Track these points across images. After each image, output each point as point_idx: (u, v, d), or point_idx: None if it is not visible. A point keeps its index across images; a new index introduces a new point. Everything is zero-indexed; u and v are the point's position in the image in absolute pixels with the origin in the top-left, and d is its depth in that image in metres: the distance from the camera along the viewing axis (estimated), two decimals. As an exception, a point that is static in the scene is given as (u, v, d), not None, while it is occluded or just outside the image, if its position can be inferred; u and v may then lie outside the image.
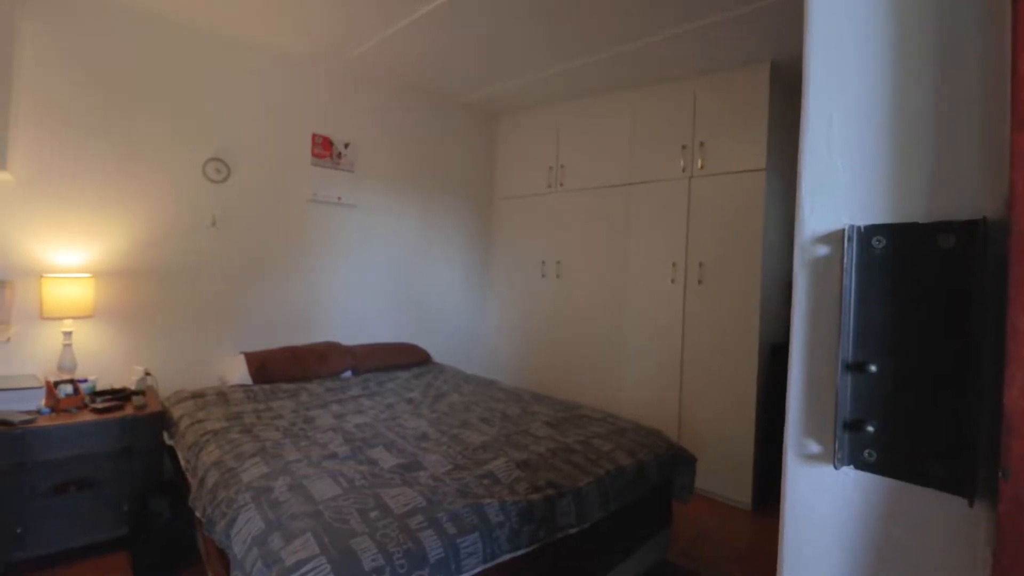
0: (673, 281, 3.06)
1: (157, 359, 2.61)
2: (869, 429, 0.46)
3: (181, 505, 2.04)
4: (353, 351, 3.08)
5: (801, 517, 0.50)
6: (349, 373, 3.00)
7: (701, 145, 2.98)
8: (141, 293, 2.60)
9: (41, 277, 2.30)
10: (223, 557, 1.56)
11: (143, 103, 2.58)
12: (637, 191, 3.26)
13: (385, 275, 3.56)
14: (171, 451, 2.25)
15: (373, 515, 1.41)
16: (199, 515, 1.66)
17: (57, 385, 2.16)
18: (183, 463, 2.00)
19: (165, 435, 2.27)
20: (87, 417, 2.09)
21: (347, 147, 3.33)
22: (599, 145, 3.46)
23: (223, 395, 2.40)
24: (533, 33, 2.68)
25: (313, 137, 3.18)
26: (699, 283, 2.97)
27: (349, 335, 3.32)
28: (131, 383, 2.36)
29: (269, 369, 2.66)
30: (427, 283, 3.81)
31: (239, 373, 2.60)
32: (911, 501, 0.46)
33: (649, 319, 3.17)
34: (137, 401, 2.22)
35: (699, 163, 2.98)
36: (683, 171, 3.05)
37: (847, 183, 0.49)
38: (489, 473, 1.70)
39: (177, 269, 2.70)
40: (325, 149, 3.23)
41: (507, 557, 1.47)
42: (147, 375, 2.44)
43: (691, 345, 2.99)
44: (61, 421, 2.03)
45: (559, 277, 3.67)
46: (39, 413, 2.07)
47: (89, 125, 2.44)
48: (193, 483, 1.81)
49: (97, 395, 2.26)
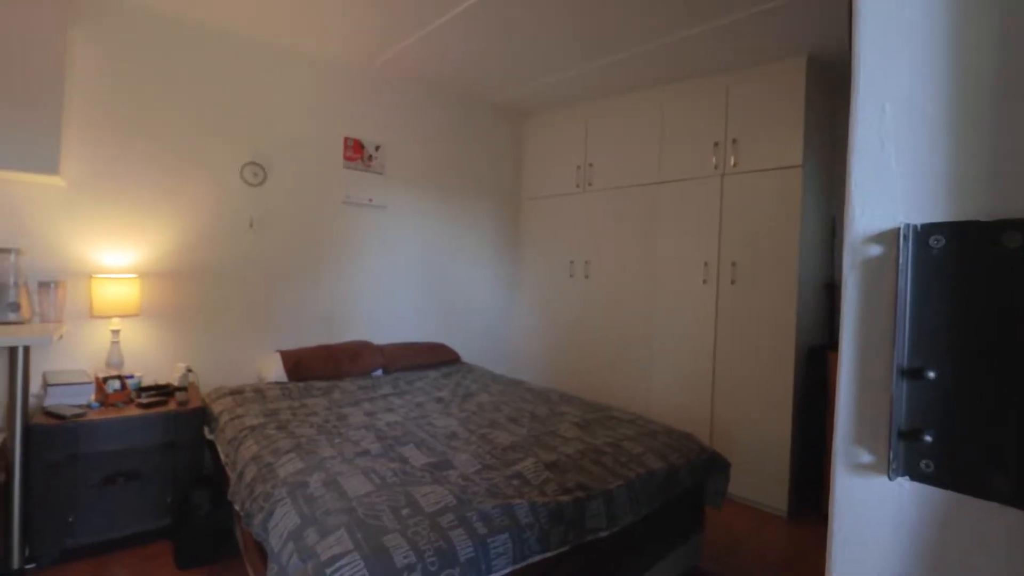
0: (705, 281, 3.00)
1: (198, 356, 2.71)
2: (927, 439, 0.44)
3: (221, 498, 2.11)
4: (384, 350, 3.13)
5: (851, 529, 0.47)
6: (380, 372, 3.05)
7: (734, 142, 2.91)
8: (183, 293, 2.70)
9: (90, 277, 2.42)
10: (261, 550, 1.61)
11: (185, 110, 2.68)
12: (667, 190, 3.20)
13: (414, 275, 3.61)
14: (211, 446, 2.33)
15: (404, 512, 1.43)
16: (238, 508, 1.71)
17: (106, 381, 2.27)
18: (223, 457, 2.06)
19: (206, 430, 2.35)
20: (133, 412, 2.18)
21: (378, 149, 3.38)
22: (628, 143, 3.42)
23: (260, 392, 2.48)
24: (562, 32, 2.67)
25: (345, 140, 3.24)
26: (732, 283, 2.90)
27: (379, 334, 3.38)
28: (174, 379, 2.46)
29: (304, 367, 2.73)
30: (455, 283, 3.84)
31: (275, 371, 2.68)
32: (971, 515, 0.43)
33: (680, 320, 3.11)
34: (180, 397, 2.31)
35: (732, 160, 2.91)
36: (715, 168, 2.98)
37: (902, 179, 0.47)
38: (518, 474, 1.70)
39: (217, 270, 2.79)
40: (357, 152, 3.29)
41: (537, 558, 1.46)
42: (189, 372, 2.53)
43: (724, 347, 2.92)
44: (109, 415, 2.13)
45: (587, 277, 3.64)
46: (89, 407, 2.17)
47: (135, 132, 2.55)
48: (232, 477, 1.87)
49: (142, 391, 2.36)
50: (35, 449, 1.97)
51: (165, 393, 2.35)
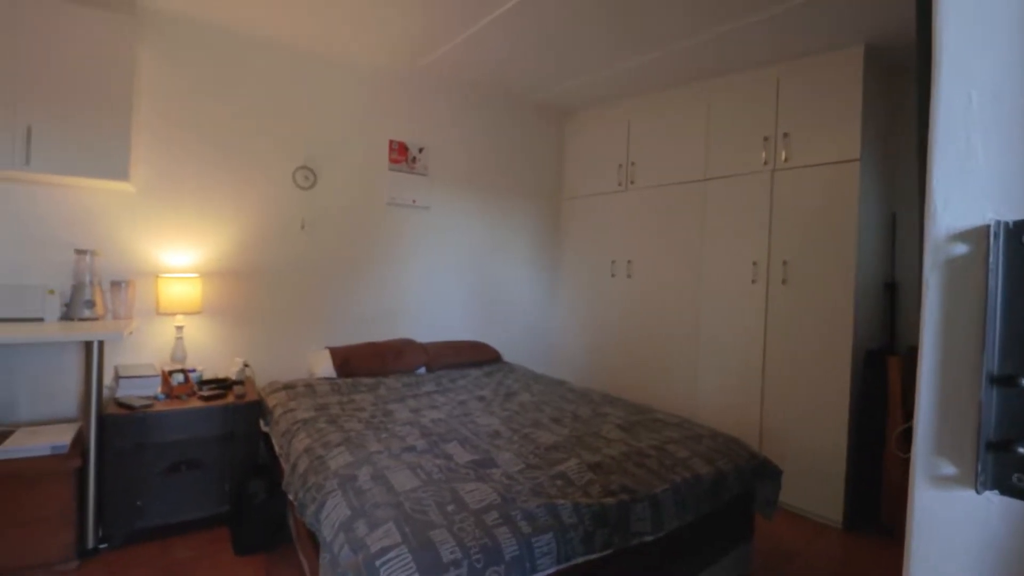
0: (754, 281, 2.90)
1: (254, 352, 2.85)
2: (1020, 451, 0.41)
3: (275, 488, 2.20)
4: (427, 348, 3.18)
5: (931, 546, 0.45)
6: (423, 369, 3.11)
7: (785, 136, 2.80)
8: (240, 291, 2.83)
9: (157, 277, 2.58)
10: (312, 538, 1.67)
11: (241, 118, 2.82)
12: (714, 187, 3.11)
13: (456, 274, 3.65)
14: (266, 437, 2.43)
15: (450, 508, 1.44)
16: (291, 498, 1.78)
17: (171, 374, 2.41)
18: (277, 449, 2.15)
19: (261, 422, 2.46)
20: (195, 404, 2.31)
21: (421, 151, 3.44)
22: (673, 140, 3.34)
23: (311, 387, 2.57)
24: (604, 29, 2.64)
25: (390, 143, 3.32)
26: (783, 283, 2.78)
27: (422, 332, 3.44)
28: (232, 374, 2.59)
29: (351, 363, 2.82)
30: (496, 282, 3.86)
31: (324, 366, 2.78)
32: (1070, 535, 0.40)
33: (728, 321, 3.01)
34: (237, 390, 2.43)
35: (783, 155, 2.80)
36: (765, 164, 2.88)
37: (990, 172, 0.44)
38: (561, 474, 1.69)
39: (271, 269, 2.92)
40: (401, 154, 3.36)
41: (581, 560, 1.45)
42: (246, 367, 2.66)
43: (775, 349, 2.81)
44: (174, 407, 2.26)
45: (630, 277, 3.59)
46: (156, 399, 2.31)
47: (196, 139, 2.70)
48: (286, 468, 1.94)
49: (203, 384, 2.49)
50: (108, 437, 2.12)
51: (224, 387, 2.48)
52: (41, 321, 2.20)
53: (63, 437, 2.08)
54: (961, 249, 0.44)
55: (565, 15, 2.50)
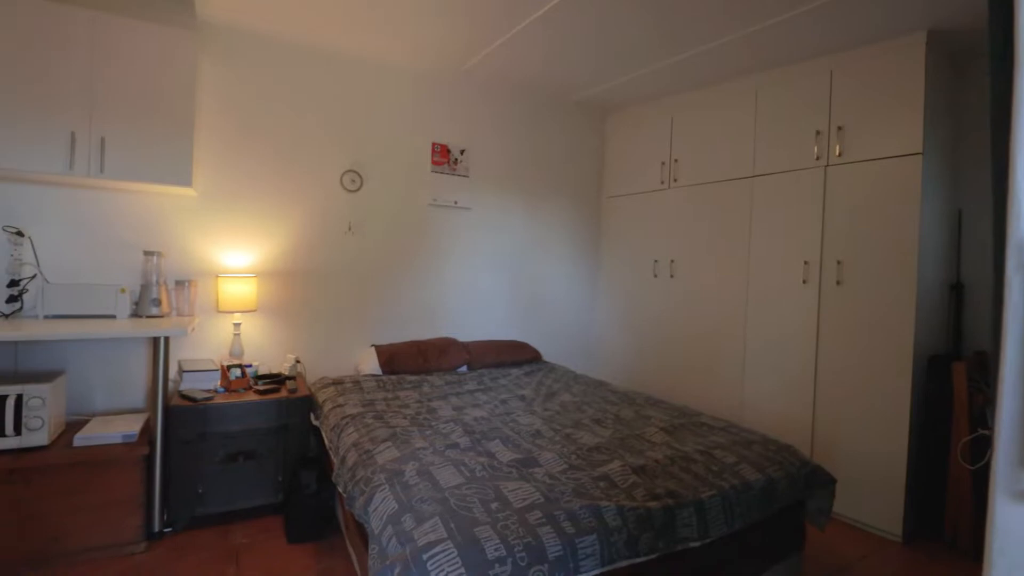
0: (805, 281, 2.79)
1: (305, 348, 2.97)
2: (1115, 466, 0.38)
3: (325, 480, 2.29)
4: (468, 347, 3.23)
5: (1014, 563, 0.43)
6: (465, 368, 3.15)
7: (839, 130, 2.68)
8: (292, 290, 2.96)
9: (217, 277, 2.72)
10: (361, 529, 1.72)
11: (293, 125, 2.94)
12: (762, 184, 3.01)
13: (497, 274, 3.68)
14: (316, 431, 2.53)
15: (494, 506, 1.46)
16: (341, 490, 1.85)
17: (229, 369, 2.54)
18: (327, 442, 2.24)
19: (312, 416, 2.56)
20: (252, 397, 2.43)
21: (463, 153, 3.49)
22: (718, 136, 3.26)
23: (358, 383, 2.65)
24: (647, 26, 2.60)
25: (433, 146, 3.38)
26: (837, 284, 2.67)
27: (464, 331, 3.49)
28: (285, 369, 2.70)
29: (396, 361, 2.89)
30: (537, 282, 3.87)
31: (370, 364, 2.86)
32: None
33: (777, 322, 2.91)
34: (290, 385, 2.54)
35: (836, 150, 2.68)
36: (817, 159, 2.76)
37: (1081, 171, 0.41)
38: (605, 476, 1.68)
39: (320, 270, 3.04)
40: (443, 156, 3.42)
41: (625, 564, 1.44)
42: (297, 363, 2.77)
43: (828, 352, 2.70)
44: (232, 400, 2.38)
45: (673, 277, 3.52)
46: (215, 392, 2.45)
47: (251, 147, 2.84)
48: (335, 461, 2.02)
49: (259, 379, 2.62)
50: (172, 427, 2.26)
51: (278, 381, 2.59)
52: (114, 318, 2.37)
53: (133, 426, 2.23)
54: (1048, 252, 0.42)
55: (607, 14, 2.48)
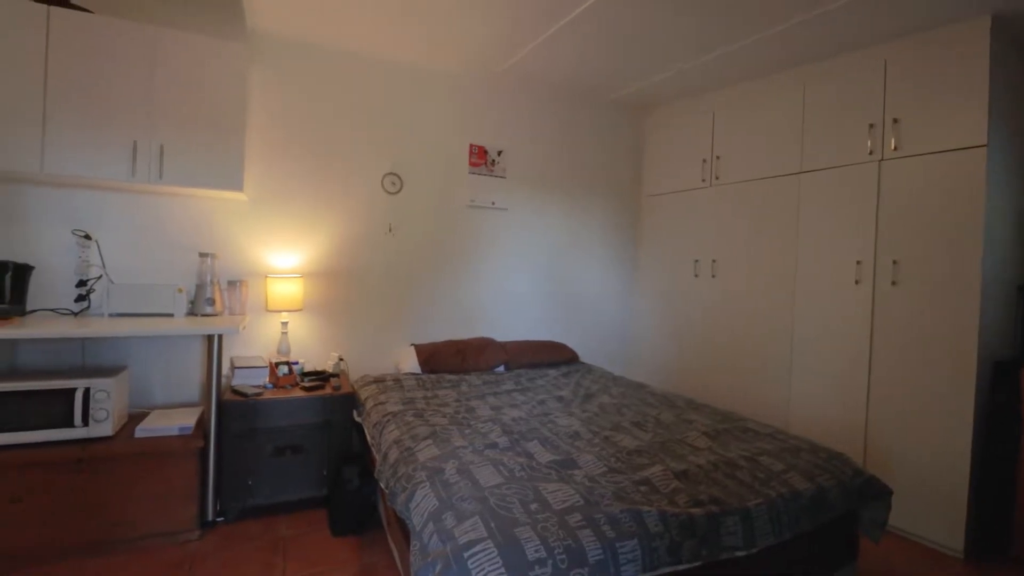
0: (858, 282, 2.66)
1: (347, 346, 3.06)
2: None
3: (367, 475, 2.35)
4: (506, 347, 3.24)
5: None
6: (502, 368, 3.17)
7: (895, 122, 2.55)
8: (335, 290, 3.05)
9: (266, 277, 2.84)
10: (402, 525, 1.76)
11: (337, 130, 3.04)
12: (810, 180, 2.90)
13: (534, 274, 3.68)
14: (358, 427, 2.60)
15: (533, 507, 1.46)
16: (383, 486, 1.89)
17: (277, 366, 2.64)
18: (369, 439, 2.29)
19: (354, 413, 2.63)
20: (298, 394, 2.52)
21: (500, 154, 3.50)
22: (762, 132, 3.15)
23: (398, 381, 2.71)
24: (687, 20, 2.54)
25: (470, 147, 3.41)
26: (892, 284, 2.54)
27: (501, 331, 3.51)
28: (329, 367, 2.79)
29: (435, 360, 2.94)
30: (574, 282, 3.85)
31: (410, 362, 2.92)
32: None
33: (826, 324, 2.79)
34: (334, 383, 2.62)
35: (892, 143, 2.55)
36: (870, 154, 2.64)
37: None
38: (646, 480, 1.65)
39: (361, 270, 3.12)
40: (480, 158, 3.45)
41: (667, 570, 1.41)
42: (341, 360, 2.86)
43: (882, 356, 2.57)
44: (280, 396, 2.48)
45: (714, 277, 3.43)
46: (264, 388, 2.55)
47: (297, 152, 2.95)
48: (377, 457, 2.06)
49: (304, 376, 2.71)
50: (225, 421, 2.36)
51: (322, 378, 2.68)
52: (171, 316, 2.50)
53: (188, 420, 2.34)
54: None
55: (645, 10, 2.44)
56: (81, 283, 2.45)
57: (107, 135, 2.27)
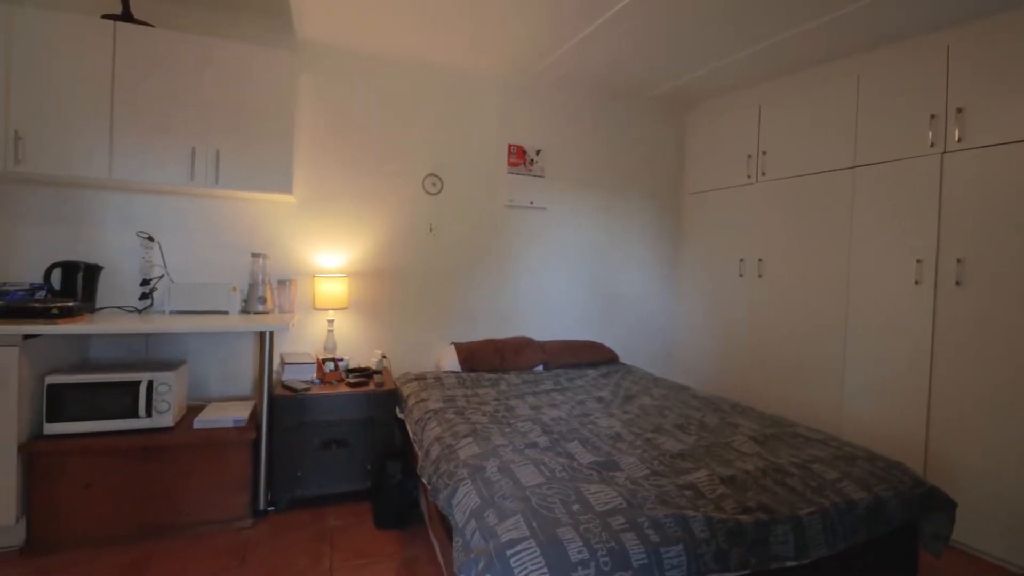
0: (918, 282, 2.52)
1: (389, 344, 3.13)
2: None
3: (409, 470, 2.40)
4: (544, 347, 3.24)
5: None
6: (541, 367, 3.17)
7: (958, 112, 2.39)
8: (378, 290, 3.13)
9: (313, 277, 2.94)
10: (443, 520, 1.79)
11: (381, 133, 3.12)
12: (865, 175, 2.76)
13: (573, 274, 3.67)
14: (400, 423, 2.65)
15: (575, 508, 1.45)
16: (425, 482, 1.92)
17: (324, 362, 2.73)
18: (411, 435, 2.34)
19: (396, 409, 2.68)
20: (344, 390, 2.60)
21: (538, 154, 3.50)
22: (812, 125, 3.02)
23: (439, 379, 2.75)
24: (731, 12, 2.46)
25: (509, 147, 3.42)
26: (956, 284, 2.39)
27: (539, 331, 3.51)
28: (372, 364, 2.86)
29: (474, 359, 2.97)
30: (613, 282, 3.81)
31: (450, 360, 2.96)
32: None
33: (883, 327, 2.66)
34: (377, 379, 2.69)
35: (955, 135, 2.40)
36: (931, 146, 2.49)
37: None
38: (690, 484, 1.62)
39: (403, 270, 3.19)
40: (519, 157, 3.45)
41: (714, 577, 1.38)
42: (384, 358, 2.93)
43: (945, 361, 2.42)
44: (327, 391, 2.56)
45: (761, 277, 3.32)
46: (312, 383, 2.64)
47: (343, 155, 3.04)
48: (419, 453, 2.10)
49: (349, 372, 2.79)
50: (276, 414, 2.46)
51: (366, 375, 2.75)
52: (226, 314, 2.62)
53: (242, 412, 2.45)
54: None
55: (686, 3, 2.38)
56: (145, 282, 2.61)
57: (168, 142, 2.40)
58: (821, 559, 1.51)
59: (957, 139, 2.39)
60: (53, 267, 2.42)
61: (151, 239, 2.62)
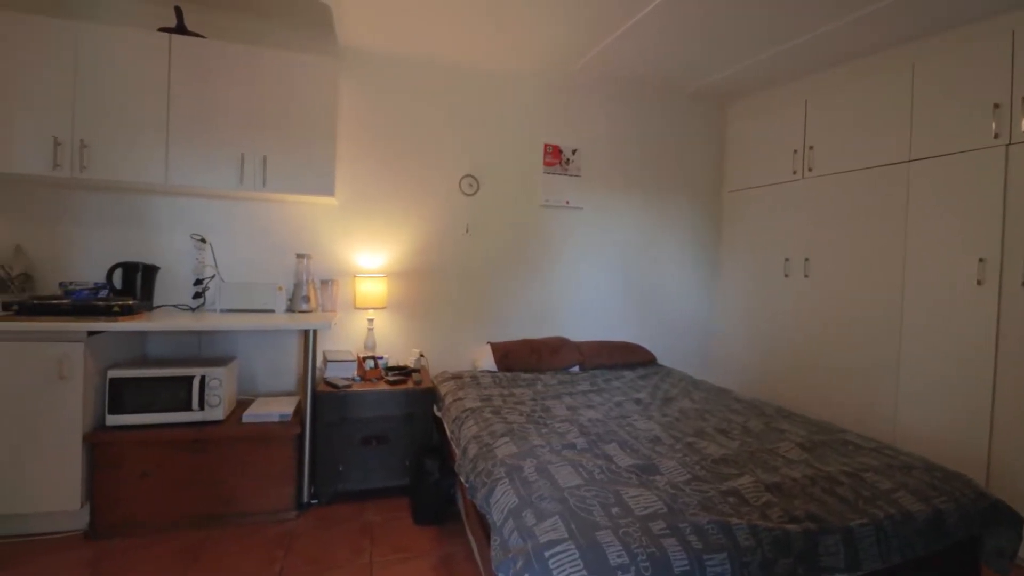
0: (980, 282, 2.37)
1: (427, 343, 3.18)
2: None
3: (446, 468, 2.43)
4: (580, 347, 3.22)
5: None
6: (577, 368, 3.15)
7: (1026, 101, 2.24)
8: (415, 289, 3.19)
9: (354, 277, 3.01)
10: (480, 518, 1.80)
11: (419, 135, 3.17)
12: (921, 169, 2.62)
13: (609, 274, 3.63)
14: (437, 421, 2.69)
15: (614, 511, 1.43)
16: (463, 480, 1.94)
17: (364, 360, 2.79)
18: (448, 433, 2.37)
19: (434, 407, 2.72)
20: (383, 387, 2.65)
21: (574, 153, 3.48)
22: (863, 118, 2.88)
23: (475, 378, 2.77)
24: (770, 4, 2.38)
25: (545, 147, 3.42)
26: (1023, 285, 2.24)
27: (575, 331, 3.49)
28: (410, 362, 2.91)
29: (511, 358, 2.98)
30: (651, 282, 3.75)
31: (486, 360, 2.98)
32: None
33: (942, 330, 2.51)
34: (415, 377, 2.74)
35: (1022, 124, 2.24)
36: (995, 138, 2.33)
37: None
38: (734, 491, 1.58)
39: (440, 270, 3.23)
40: (555, 157, 3.44)
41: (758, 587, 1.34)
42: (421, 356, 2.98)
43: (1010, 365, 2.27)
44: (367, 388, 2.62)
45: (807, 277, 3.20)
46: (353, 380, 2.70)
47: (382, 158, 3.10)
48: (457, 451, 2.13)
49: (388, 370, 2.85)
50: (319, 410, 2.53)
51: (405, 373, 2.80)
52: (273, 312, 2.72)
53: (287, 408, 2.54)
54: None
55: (732, -5, 2.32)
56: (198, 282, 2.73)
57: (219, 148, 2.50)
58: (874, 572, 1.44)
59: (1025, 129, 2.24)
60: (114, 268, 2.57)
61: (203, 241, 2.75)
